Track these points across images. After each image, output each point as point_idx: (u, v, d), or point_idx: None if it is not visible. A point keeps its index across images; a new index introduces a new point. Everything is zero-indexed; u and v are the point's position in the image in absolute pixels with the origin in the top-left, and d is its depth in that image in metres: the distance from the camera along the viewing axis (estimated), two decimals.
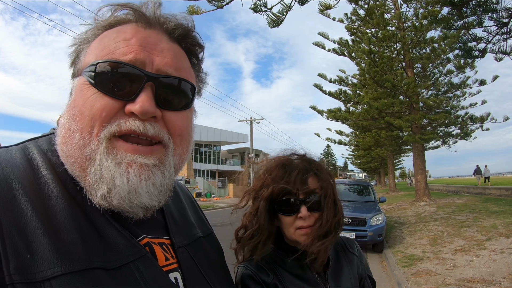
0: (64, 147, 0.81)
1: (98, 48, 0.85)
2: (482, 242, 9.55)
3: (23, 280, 0.62)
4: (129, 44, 0.83)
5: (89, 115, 0.78)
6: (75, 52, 0.91)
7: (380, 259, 10.02)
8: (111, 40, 0.85)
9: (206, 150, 57.87)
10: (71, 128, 0.80)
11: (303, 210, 1.31)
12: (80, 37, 0.91)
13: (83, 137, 0.78)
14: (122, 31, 0.86)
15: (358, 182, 16.29)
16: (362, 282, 1.50)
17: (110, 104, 0.79)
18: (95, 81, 0.80)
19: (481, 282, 6.61)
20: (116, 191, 0.78)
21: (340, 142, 29.78)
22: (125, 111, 0.80)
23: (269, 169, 1.41)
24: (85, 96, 0.80)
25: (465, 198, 22.04)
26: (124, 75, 0.80)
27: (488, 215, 13.62)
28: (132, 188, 0.79)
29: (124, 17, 0.90)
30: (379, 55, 19.10)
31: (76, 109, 0.80)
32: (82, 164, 0.78)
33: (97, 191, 0.77)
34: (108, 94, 0.79)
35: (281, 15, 5.83)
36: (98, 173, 0.77)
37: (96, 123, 0.78)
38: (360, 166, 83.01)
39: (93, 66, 0.81)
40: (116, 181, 0.77)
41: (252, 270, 1.38)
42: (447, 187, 37.55)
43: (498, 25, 5.91)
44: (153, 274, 0.81)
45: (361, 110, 22.52)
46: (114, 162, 0.78)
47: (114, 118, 0.79)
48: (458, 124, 22.21)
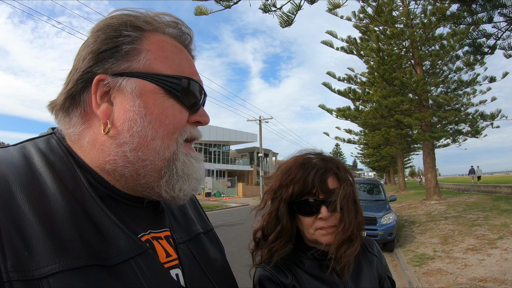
0: (138, 152, 0.83)
1: (166, 58, 0.89)
2: (494, 241, 9.45)
3: (20, 277, 0.62)
4: (190, 66, 0.95)
5: (171, 124, 0.87)
6: (107, 44, 0.84)
7: (391, 258, 9.95)
8: (175, 55, 0.92)
9: (215, 150, 58.03)
10: (148, 136, 0.83)
11: (323, 211, 1.29)
12: (117, 30, 0.86)
13: (164, 143, 0.86)
14: (178, 48, 0.95)
15: (368, 181, 16.21)
16: (381, 282, 1.47)
17: (186, 115, 0.91)
18: (181, 94, 0.89)
19: (493, 281, 6.54)
20: (193, 183, 0.93)
21: (349, 141, 29.62)
22: (190, 120, 0.93)
23: (287, 169, 1.39)
24: (162, 105, 0.86)
25: (476, 197, 21.82)
26: (196, 92, 0.94)
27: (499, 213, 13.47)
28: (201, 178, 0.96)
29: (167, 29, 0.95)
30: (387, 52, 18.93)
31: (150, 116, 0.84)
32: (157, 166, 0.86)
33: (178, 186, 0.89)
34: (187, 108, 0.91)
35: (292, 14, 5.81)
36: (180, 171, 0.89)
37: (177, 131, 0.89)
38: (369, 165, 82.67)
39: (178, 80, 0.89)
40: (195, 175, 0.93)
41: (270, 271, 1.37)
42: (457, 186, 37.31)
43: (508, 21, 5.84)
44: (154, 271, 0.81)
45: (370, 108, 22.38)
46: (194, 159, 0.94)
47: (185, 127, 0.92)
48: (468, 121, 21.97)
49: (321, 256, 1.37)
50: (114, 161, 0.83)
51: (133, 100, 0.83)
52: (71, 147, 0.87)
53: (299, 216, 1.36)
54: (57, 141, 0.88)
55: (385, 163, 66.14)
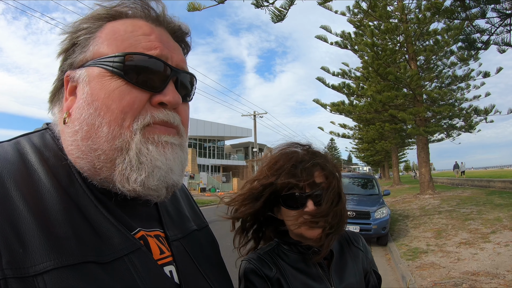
0: (88, 141, 0.80)
1: (114, 39, 0.86)
2: (487, 235, 9.53)
3: (15, 274, 0.62)
4: (150, 40, 0.87)
5: (118, 108, 0.80)
6: (70, 41, 0.88)
7: (384, 252, 10.03)
8: (128, 33, 0.86)
9: (210, 145, 57.99)
10: (95, 123, 0.80)
11: (309, 205, 1.29)
12: (77, 26, 0.89)
13: (112, 130, 0.80)
14: (137, 26, 0.89)
15: (362, 176, 16.28)
16: (367, 277, 1.48)
17: (140, 96, 0.83)
18: (124, 73, 0.82)
19: (486, 275, 6.60)
20: (155, 173, 0.83)
21: (344, 135, 29.65)
22: (152, 102, 0.85)
23: (273, 161, 1.39)
24: (108, 88, 0.81)
25: (470, 191, 21.98)
26: (153, 68, 0.85)
27: (493, 208, 13.58)
28: (169, 167, 0.86)
29: (130, 11, 0.92)
30: (382, 47, 18.92)
31: (97, 102, 0.81)
32: (110, 156, 0.81)
33: (133, 178, 0.81)
34: (138, 86, 0.83)
35: (284, 9, 5.78)
36: (134, 161, 0.81)
37: (128, 115, 0.81)
38: (364, 160, 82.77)
39: (119, 57, 0.82)
40: (156, 163, 0.83)
41: (255, 264, 1.37)
42: (451, 180, 37.51)
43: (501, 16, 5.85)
44: (147, 268, 0.81)
45: (365, 103, 22.38)
46: (154, 146, 0.84)
47: (144, 110, 0.83)
48: (462, 116, 22.03)
49: (305, 250, 1.37)
50: (71, 151, 0.83)
51: (83, 88, 0.83)
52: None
53: (284, 209, 1.36)
54: (52, 136, 0.88)
55: (379, 158, 66.30)
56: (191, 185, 41.72)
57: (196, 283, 0.95)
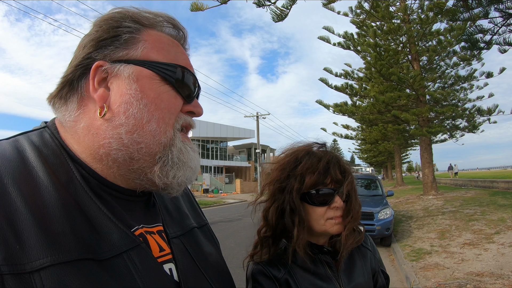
0: (133, 135, 0.84)
1: (162, 48, 0.93)
2: (491, 236, 9.50)
3: (12, 271, 0.62)
4: (185, 59, 0.98)
5: (166, 108, 0.89)
6: (109, 32, 0.88)
7: (388, 253, 10.00)
8: (170, 47, 0.95)
9: (212, 146, 57.91)
10: (143, 118, 0.85)
11: (337, 200, 1.30)
12: (119, 21, 0.89)
13: (160, 126, 0.87)
14: (174, 42, 0.98)
15: (366, 176, 16.24)
16: (375, 277, 1.49)
17: (180, 103, 0.93)
18: (175, 81, 0.91)
19: (490, 275, 6.58)
20: (187, 172, 0.93)
21: (346, 136, 29.67)
22: (183, 110, 0.94)
23: (295, 158, 1.38)
24: (158, 90, 0.88)
25: (473, 192, 21.91)
26: (191, 83, 0.96)
27: (496, 208, 13.54)
28: (196, 168, 0.97)
29: (164, 27, 0.99)
30: (384, 48, 18.91)
31: (146, 99, 0.86)
32: (152, 150, 0.86)
33: (172, 174, 0.89)
34: (181, 95, 0.93)
35: (285, 9, 5.79)
36: (175, 157, 0.89)
37: (172, 116, 0.90)
38: (367, 160, 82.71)
39: (172, 67, 0.91)
40: (190, 163, 0.93)
41: (263, 265, 1.37)
42: (454, 181, 37.40)
43: (503, 16, 5.84)
44: (147, 265, 0.81)
45: (368, 103, 22.39)
46: (190, 147, 0.95)
47: (180, 114, 0.93)
48: (465, 117, 22.02)
49: (314, 250, 1.37)
50: (109, 144, 0.83)
51: (130, 84, 0.85)
52: (65, 138, 0.87)
53: (308, 208, 1.34)
54: (50, 134, 0.88)
55: (382, 159, 66.22)
56: (193, 186, 41.66)
57: (195, 281, 0.95)
